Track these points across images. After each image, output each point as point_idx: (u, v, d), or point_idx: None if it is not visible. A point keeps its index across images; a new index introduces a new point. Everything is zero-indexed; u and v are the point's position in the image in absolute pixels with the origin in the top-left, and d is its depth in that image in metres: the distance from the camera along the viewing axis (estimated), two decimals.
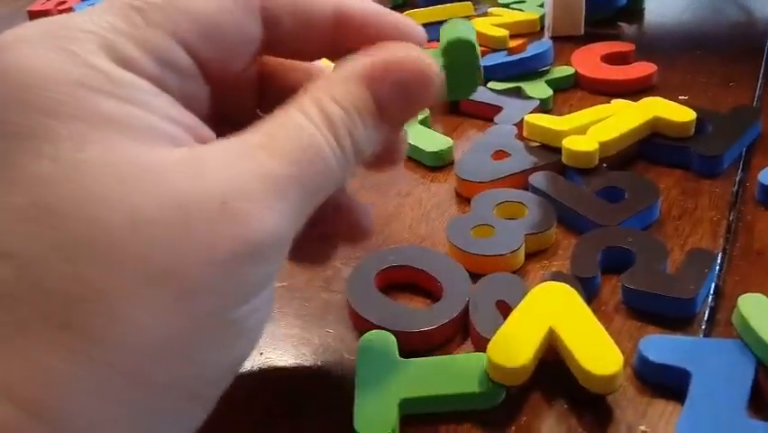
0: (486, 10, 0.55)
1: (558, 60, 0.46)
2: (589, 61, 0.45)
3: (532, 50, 0.46)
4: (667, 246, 0.29)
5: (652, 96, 0.38)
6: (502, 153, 0.37)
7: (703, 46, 0.48)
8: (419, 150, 0.38)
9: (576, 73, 0.44)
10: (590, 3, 0.50)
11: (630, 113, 0.36)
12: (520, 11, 0.54)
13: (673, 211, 0.33)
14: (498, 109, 0.41)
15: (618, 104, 0.38)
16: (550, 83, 0.44)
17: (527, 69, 0.45)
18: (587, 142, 0.34)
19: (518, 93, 0.43)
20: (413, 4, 0.58)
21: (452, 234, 0.31)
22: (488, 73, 0.45)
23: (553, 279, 0.27)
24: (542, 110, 0.41)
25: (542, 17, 0.53)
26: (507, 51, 0.48)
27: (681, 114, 0.36)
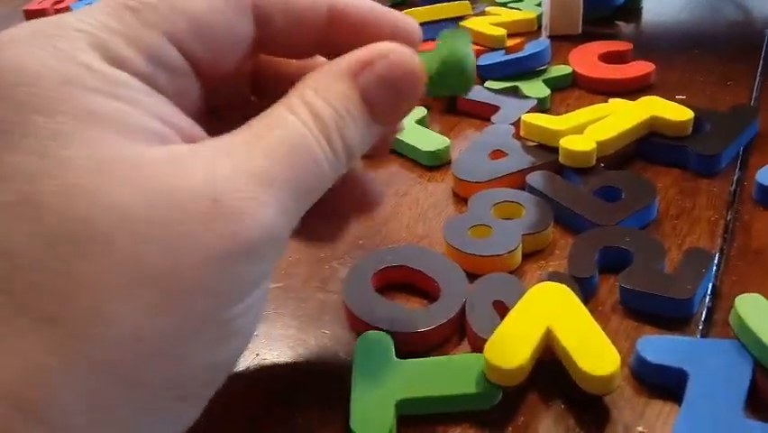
0: (483, 9, 0.55)
1: (555, 60, 0.46)
2: (587, 60, 0.45)
3: (529, 49, 0.46)
4: (665, 246, 0.29)
5: (649, 96, 0.38)
6: (499, 153, 0.36)
7: (701, 45, 0.48)
8: (416, 149, 0.38)
9: (573, 72, 0.44)
10: (588, 2, 0.50)
11: (628, 112, 0.36)
12: (518, 10, 0.54)
13: (671, 211, 0.32)
14: (496, 109, 0.41)
15: (616, 103, 0.38)
16: (547, 82, 0.44)
17: (525, 69, 0.45)
18: (584, 141, 0.34)
19: (516, 92, 0.43)
20: (412, 3, 0.58)
21: (449, 234, 0.31)
22: (485, 72, 0.46)
23: (550, 279, 0.27)
24: (539, 109, 0.41)
25: (539, 16, 0.53)
26: (504, 51, 0.48)
27: (678, 113, 0.36)
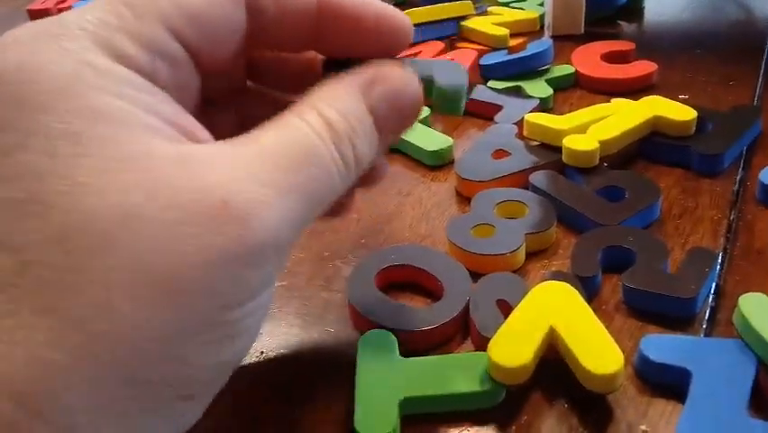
0: (486, 9, 0.55)
1: (558, 59, 0.46)
2: (590, 60, 0.45)
3: (532, 48, 0.46)
4: (668, 246, 0.29)
5: (652, 95, 0.38)
6: (502, 152, 0.37)
7: (703, 45, 0.48)
8: (419, 149, 0.38)
9: (576, 72, 0.44)
10: (590, 1, 0.50)
11: (630, 112, 0.36)
12: (520, 9, 0.54)
13: (674, 210, 0.32)
14: (499, 108, 0.41)
15: (618, 103, 0.38)
16: (550, 82, 0.44)
17: (527, 68, 0.45)
18: (587, 141, 0.34)
19: (518, 92, 0.43)
20: (413, 3, 0.58)
21: (452, 233, 0.31)
22: (488, 72, 0.46)
23: (553, 278, 0.27)
24: (542, 109, 0.41)
25: (542, 16, 0.53)
26: (507, 50, 0.48)
27: (681, 112, 0.36)
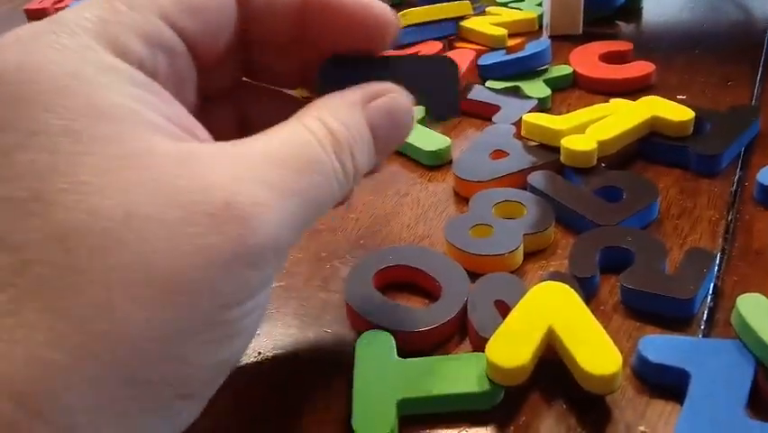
0: (484, 9, 0.55)
1: (556, 60, 0.46)
2: (588, 60, 0.45)
3: (530, 49, 0.46)
4: (666, 246, 0.29)
5: (650, 96, 0.38)
6: (500, 153, 0.36)
7: (701, 45, 0.48)
8: (417, 149, 0.38)
9: (574, 72, 0.44)
10: (589, 2, 0.49)
11: (628, 112, 0.36)
12: (518, 10, 0.54)
13: (672, 210, 0.32)
14: (497, 108, 0.41)
15: (617, 103, 0.38)
16: (548, 82, 0.44)
17: (526, 69, 0.45)
18: (585, 141, 0.34)
19: (516, 92, 0.43)
20: (411, 3, 0.58)
21: (450, 233, 0.31)
22: (486, 72, 0.46)
23: (551, 278, 0.27)
24: (540, 109, 0.41)
25: (540, 16, 0.53)
26: (505, 50, 0.48)
27: (679, 113, 0.36)
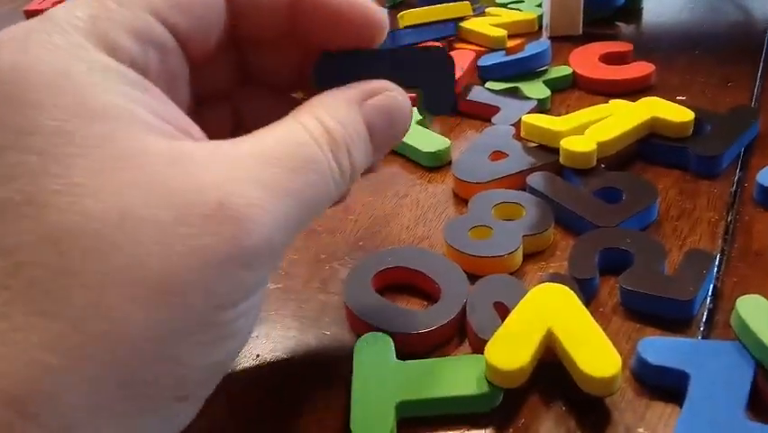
0: (484, 10, 0.54)
1: (556, 60, 0.46)
2: (587, 61, 0.45)
3: (530, 50, 0.46)
4: (665, 247, 0.29)
5: (650, 97, 0.38)
6: (500, 154, 0.36)
7: (701, 46, 0.48)
8: (416, 150, 0.38)
9: (574, 73, 0.44)
10: (589, 2, 0.49)
11: (628, 113, 0.36)
12: (518, 11, 0.54)
13: (672, 212, 0.32)
14: (496, 109, 0.41)
15: (616, 104, 0.38)
16: (548, 83, 0.44)
17: (525, 69, 0.45)
18: (585, 142, 0.34)
19: (516, 93, 0.43)
20: (411, 4, 0.58)
21: (449, 235, 0.31)
22: (485, 73, 0.46)
23: (550, 280, 0.27)
24: (539, 110, 0.41)
25: (540, 17, 0.53)
26: (504, 51, 0.48)
27: (679, 114, 0.36)
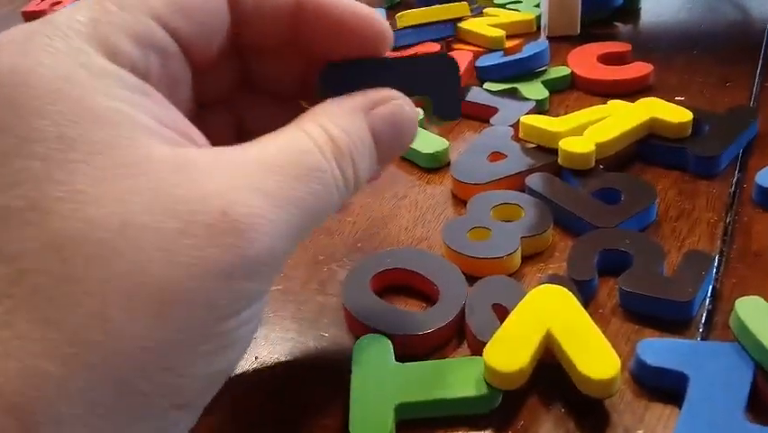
0: (482, 10, 0.54)
1: (554, 61, 0.46)
2: (586, 62, 0.45)
3: (528, 50, 0.46)
4: (664, 248, 0.29)
5: (648, 97, 0.38)
6: (498, 155, 0.36)
7: (700, 46, 0.48)
8: (415, 151, 0.38)
9: (572, 74, 0.44)
10: (587, 3, 0.49)
11: (627, 114, 0.36)
12: (516, 11, 0.54)
13: (670, 213, 0.32)
14: (494, 110, 0.41)
15: (615, 104, 0.38)
16: (546, 84, 0.44)
17: (524, 70, 0.45)
18: (583, 143, 0.34)
19: (514, 94, 0.43)
20: (409, 4, 0.58)
21: (448, 236, 0.31)
22: (484, 74, 0.45)
23: (549, 281, 0.27)
24: (538, 111, 0.41)
25: (538, 17, 0.52)
26: (503, 52, 0.48)
27: (677, 114, 0.36)
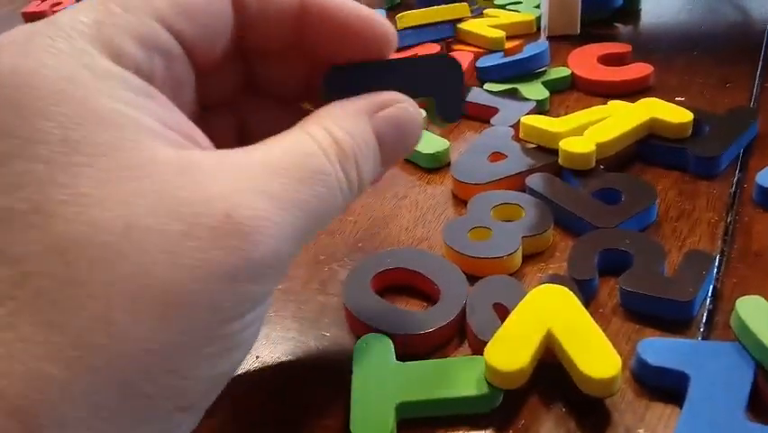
0: (482, 11, 0.54)
1: (554, 62, 0.46)
2: (586, 62, 0.45)
3: (528, 51, 0.46)
4: (665, 248, 0.29)
5: (649, 98, 0.38)
6: (499, 155, 0.36)
7: (700, 47, 0.48)
8: (415, 151, 0.38)
9: (573, 74, 0.44)
10: (587, 4, 0.49)
11: (627, 114, 0.36)
12: (516, 12, 0.54)
13: (671, 213, 0.32)
14: (495, 111, 0.41)
15: (615, 105, 0.38)
16: (546, 84, 0.44)
17: (524, 71, 0.45)
18: (584, 143, 0.34)
19: (515, 94, 0.43)
20: (409, 5, 0.58)
21: (448, 236, 0.31)
22: (484, 74, 0.46)
23: (550, 281, 0.27)
24: (538, 111, 0.41)
25: (538, 18, 0.52)
26: (503, 53, 0.48)
27: (677, 115, 0.36)
